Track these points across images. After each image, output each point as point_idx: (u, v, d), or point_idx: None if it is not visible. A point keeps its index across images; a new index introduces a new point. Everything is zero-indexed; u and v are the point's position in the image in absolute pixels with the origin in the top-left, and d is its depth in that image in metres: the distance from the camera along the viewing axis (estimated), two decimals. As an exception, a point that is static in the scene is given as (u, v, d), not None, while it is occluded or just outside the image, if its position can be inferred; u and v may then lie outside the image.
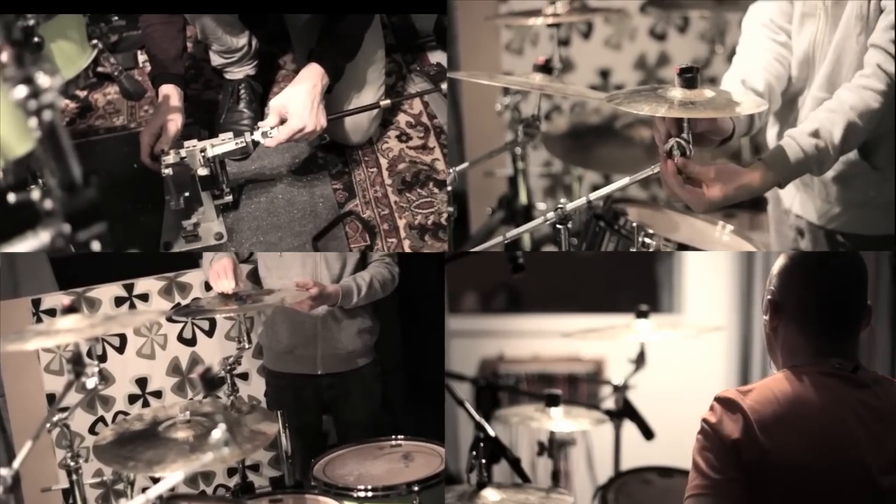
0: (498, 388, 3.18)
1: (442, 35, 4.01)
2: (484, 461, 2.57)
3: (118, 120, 3.66)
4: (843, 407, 1.77)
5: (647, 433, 3.15)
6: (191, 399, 3.36)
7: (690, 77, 2.09)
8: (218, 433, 1.84)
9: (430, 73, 3.85)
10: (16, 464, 1.77)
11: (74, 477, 2.21)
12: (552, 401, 3.02)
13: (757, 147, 3.52)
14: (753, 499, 1.73)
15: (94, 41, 2.56)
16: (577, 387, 4.26)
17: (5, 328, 3.13)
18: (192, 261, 3.26)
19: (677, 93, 2.09)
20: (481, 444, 2.62)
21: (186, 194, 2.89)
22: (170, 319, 3.33)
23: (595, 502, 3.09)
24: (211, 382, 1.79)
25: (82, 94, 3.74)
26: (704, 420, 1.80)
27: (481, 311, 4.61)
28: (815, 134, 2.19)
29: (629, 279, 4.44)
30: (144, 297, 3.34)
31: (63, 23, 2.38)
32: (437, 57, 3.95)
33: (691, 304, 4.30)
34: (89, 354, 3.15)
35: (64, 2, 2.37)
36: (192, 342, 3.39)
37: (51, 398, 3.26)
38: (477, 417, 2.72)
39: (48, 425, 2.11)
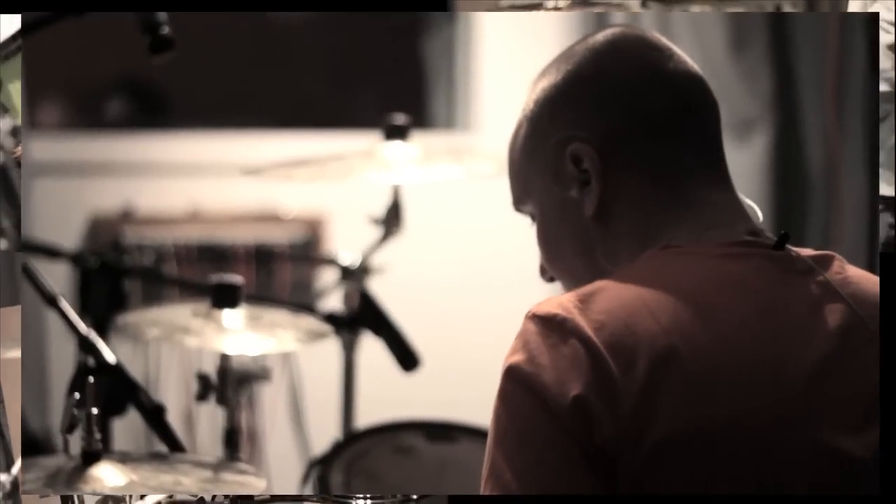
0: (122, 271, 1.94)
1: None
2: (96, 411, 1.42)
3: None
4: (771, 310, 0.95)
5: (407, 358, 1.93)
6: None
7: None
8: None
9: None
10: (14, 469, 1.77)
11: (73, 482, 2.21)
12: (225, 296, 1.77)
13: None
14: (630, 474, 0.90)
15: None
16: (274, 270, 2.71)
17: (4, 334, 3.12)
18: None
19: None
20: (90, 380, 1.46)
21: None
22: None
23: (308, 485, 1.82)
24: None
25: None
26: (506, 369, 0.93)
27: (85, 126, 2.85)
28: None
29: (372, 64, 2.67)
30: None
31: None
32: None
33: (490, 114, 2.60)
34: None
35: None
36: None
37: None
38: (82, 329, 1.67)
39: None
